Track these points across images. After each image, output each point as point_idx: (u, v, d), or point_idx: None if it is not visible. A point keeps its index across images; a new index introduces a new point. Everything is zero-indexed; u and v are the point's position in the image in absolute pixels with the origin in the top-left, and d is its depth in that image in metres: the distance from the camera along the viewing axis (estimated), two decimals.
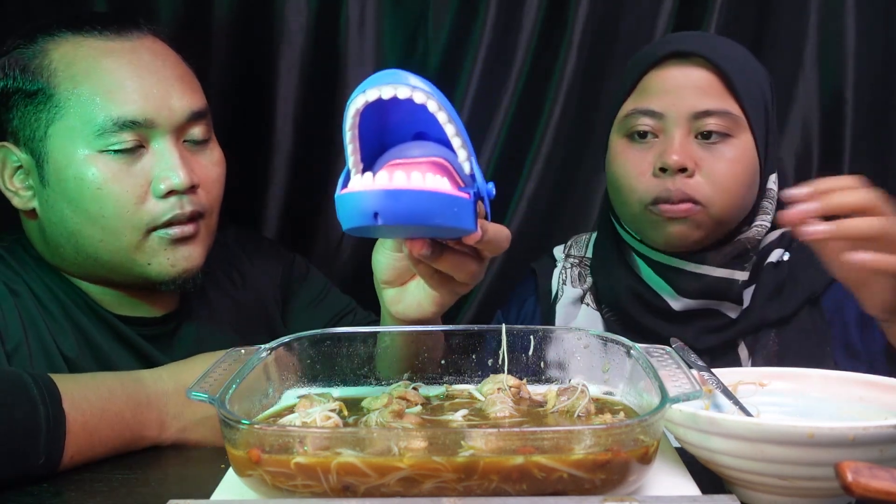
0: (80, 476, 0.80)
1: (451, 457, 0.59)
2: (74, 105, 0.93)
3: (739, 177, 1.05)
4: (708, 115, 1.03)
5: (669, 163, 1.02)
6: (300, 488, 0.61)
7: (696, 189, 1.03)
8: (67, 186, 0.94)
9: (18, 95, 0.95)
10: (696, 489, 0.66)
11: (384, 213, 0.63)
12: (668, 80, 1.06)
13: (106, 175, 0.93)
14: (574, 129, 1.51)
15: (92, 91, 0.93)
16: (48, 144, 0.94)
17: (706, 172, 1.04)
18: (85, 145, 0.93)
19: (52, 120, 0.93)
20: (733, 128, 1.04)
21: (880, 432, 0.61)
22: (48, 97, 0.93)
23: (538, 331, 0.84)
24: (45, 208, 0.97)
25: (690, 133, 1.04)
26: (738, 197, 1.05)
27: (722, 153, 1.04)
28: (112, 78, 0.94)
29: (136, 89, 0.94)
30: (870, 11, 1.46)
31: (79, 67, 0.94)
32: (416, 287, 0.85)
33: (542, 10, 1.48)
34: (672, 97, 1.04)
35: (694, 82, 1.04)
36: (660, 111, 1.05)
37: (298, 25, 1.48)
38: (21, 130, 0.95)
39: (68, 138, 0.93)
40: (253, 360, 0.76)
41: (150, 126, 0.94)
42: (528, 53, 1.49)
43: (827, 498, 0.66)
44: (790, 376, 0.81)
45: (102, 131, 0.92)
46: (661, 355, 0.73)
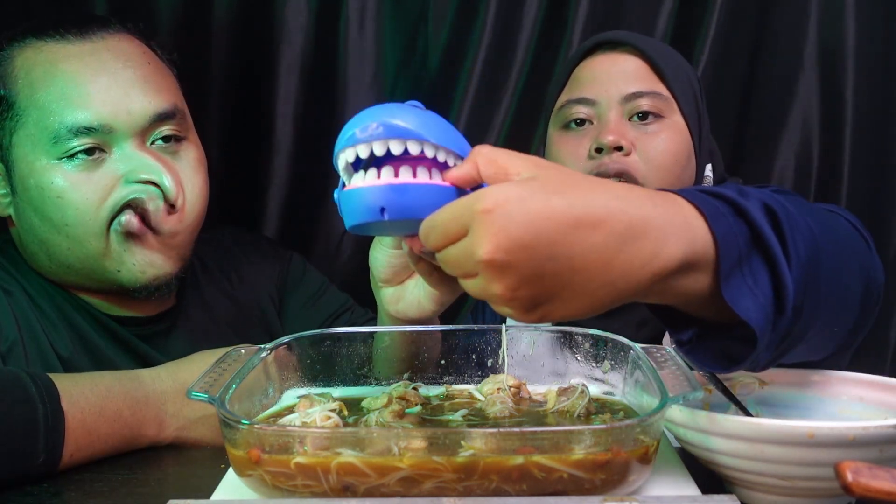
0: (80, 476, 0.80)
1: (451, 457, 0.60)
2: (32, 113, 0.91)
3: (673, 155, 1.07)
4: (639, 97, 1.06)
5: (605, 142, 1.05)
6: (300, 488, 0.61)
7: (632, 166, 1.05)
8: (31, 195, 0.93)
9: None
10: (696, 489, 0.66)
11: (391, 207, 0.64)
12: (598, 68, 1.09)
13: (65, 184, 0.91)
14: None
15: (48, 98, 0.91)
16: (13, 153, 0.93)
17: (641, 150, 1.06)
18: (44, 154, 0.91)
19: (15, 128, 0.92)
20: (664, 108, 1.07)
21: (880, 432, 0.61)
22: (10, 105, 0.92)
23: (538, 331, 0.84)
24: (17, 215, 0.97)
25: (624, 116, 1.07)
26: (673, 176, 1.07)
27: (655, 132, 1.07)
28: (68, 83, 0.91)
29: (91, 94, 0.91)
30: (870, 11, 1.46)
31: (37, 73, 0.92)
32: (415, 286, 0.85)
33: (542, 10, 1.48)
34: (603, 83, 1.08)
35: (622, 68, 1.08)
36: (592, 98, 1.08)
37: (298, 25, 1.48)
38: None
39: (29, 147, 0.92)
40: (253, 360, 0.76)
41: (107, 132, 0.92)
42: (528, 53, 1.49)
43: (827, 498, 0.66)
44: (790, 376, 0.82)
45: (58, 139, 0.90)
46: (661, 355, 0.74)
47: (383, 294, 0.87)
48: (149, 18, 1.45)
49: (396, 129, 0.64)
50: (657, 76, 1.08)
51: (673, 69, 1.09)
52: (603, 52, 1.10)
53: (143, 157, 0.94)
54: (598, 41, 1.11)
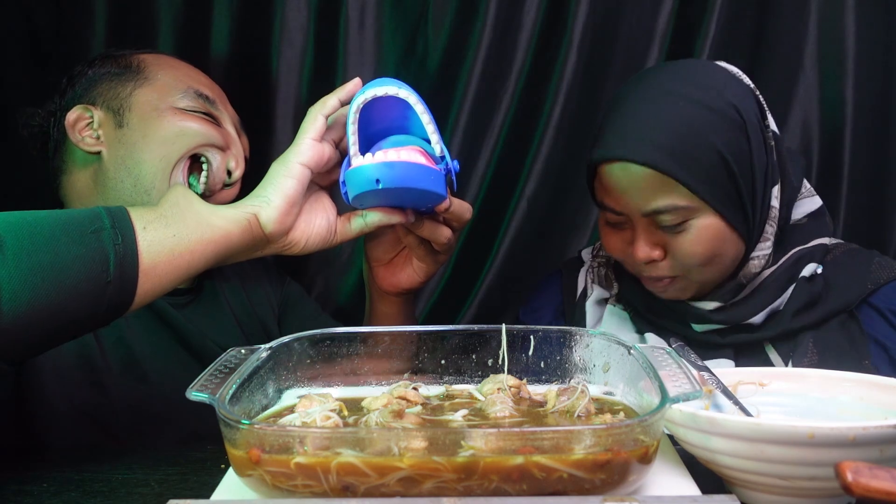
0: (79, 476, 0.80)
1: (451, 457, 0.59)
2: (162, 78, 1.17)
3: (705, 250, 1.04)
4: (658, 213, 1.02)
5: (637, 260, 1.06)
6: (300, 488, 0.61)
7: (668, 268, 1.06)
8: (147, 125, 1.13)
9: (108, 74, 1.18)
10: (696, 489, 0.66)
11: (384, 178, 0.88)
12: (614, 180, 1.03)
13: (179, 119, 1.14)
14: (574, 129, 1.51)
15: (176, 72, 1.18)
16: (132, 101, 1.15)
17: (674, 255, 1.05)
18: (170, 102, 1.15)
19: (140, 85, 1.16)
20: (687, 213, 1.02)
21: (880, 432, 0.61)
22: (137, 73, 1.17)
23: (538, 331, 0.84)
24: (116, 146, 1.14)
25: (651, 224, 1.05)
26: (713, 264, 1.06)
27: (682, 235, 1.04)
28: (189, 73, 1.20)
29: (207, 83, 1.20)
30: (870, 11, 1.46)
31: (163, 62, 1.20)
32: (404, 261, 1.08)
33: (542, 10, 1.49)
34: (623, 198, 1.04)
35: (636, 183, 1.01)
36: (618, 209, 1.06)
37: (298, 25, 1.49)
38: (102, 95, 1.17)
39: (155, 96, 1.15)
40: (253, 360, 0.76)
41: (218, 109, 1.18)
42: (528, 53, 1.49)
43: (827, 498, 0.66)
44: (790, 376, 0.82)
45: (185, 96, 1.16)
46: (661, 355, 0.73)
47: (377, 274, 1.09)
48: (149, 18, 1.45)
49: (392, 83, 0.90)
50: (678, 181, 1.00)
51: (693, 165, 1.00)
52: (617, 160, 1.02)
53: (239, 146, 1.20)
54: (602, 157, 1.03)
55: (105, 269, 0.76)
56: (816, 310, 1.10)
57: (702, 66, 1.09)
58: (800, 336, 1.09)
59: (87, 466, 0.82)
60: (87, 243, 0.76)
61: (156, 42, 1.45)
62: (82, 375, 1.06)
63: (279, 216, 0.90)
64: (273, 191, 0.90)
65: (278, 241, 0.93)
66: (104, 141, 1.15)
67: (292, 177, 0.91)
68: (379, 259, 1.09)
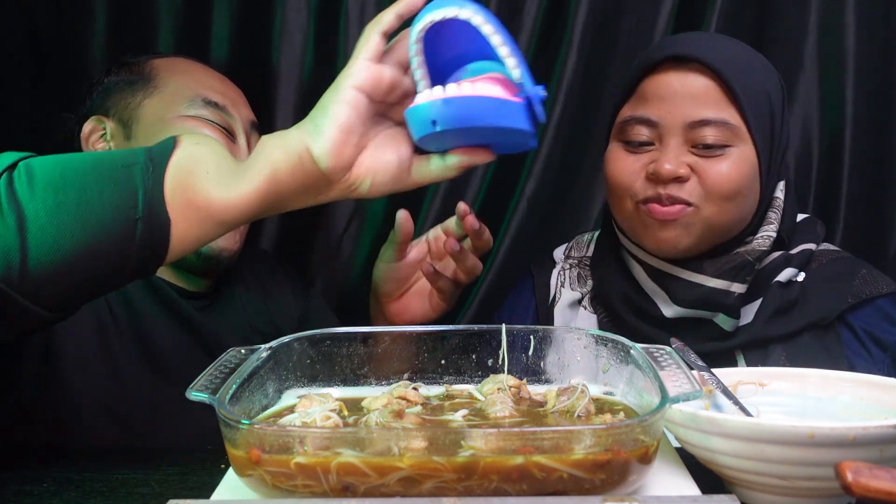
0: (80, 476, 0.80)
1: (451, 457, 0.59)
2: (171, 86, 1.14)
3: (735, 185, 1.01)
4: (705, 125, 1.00)
5: (662, 172, 1.01)
6: (300, 488, 0.61)
7: (689, 192, 1.02)
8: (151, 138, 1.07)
9: (121, 83, 1.16)
10: (696, 489, 0.66)
11: (440, 119, 0.75)
12: (665, 86, 1.03)
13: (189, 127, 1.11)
14: (574, 129, 1.51)
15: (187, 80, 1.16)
16: (140, 112, 1.13)
17: (700, 178, 1.01)
18: (177, 112, 1.12)
19: (149, 95, 1.14)
20: (732, 138, 1.01)
21: (880, 432, 0.61)
22: (147, 81, 1.15)
23: (538, 331, 0.84)
24: None
25: (686, 143, 1.02)
26: (732, 204, 1.03)
27: (718, 162, 1.01)
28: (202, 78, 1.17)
29: (218, 89, 1.17)
30: (870, 11, 1.46)
31: (177, 67, 1.18)
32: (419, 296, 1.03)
33: (542, 10, 1.49)
34: (668, 105, 1.02)
35: (690, 89, 1.01)
36: (655, 120, 1.03)
37: (298, 25, 1.48)
38: (114, 106, 1.15)
39: (162, 107, 1.13)
40: (253, 360, 0.76)
41: (227, 112, 1.15)
42: (528, 53, 1.49)
43: (827, 498, 0.66)
44: (790, 376, 0.82)
45: (192, 104, 1.12)
46: (662, 355, 0.73)
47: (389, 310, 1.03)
48: (149, 18, 1.45)
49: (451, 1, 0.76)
50: (729, 99, 1.01)
51: (747, 90, 1.02)
52: (672, 67, 1.03)
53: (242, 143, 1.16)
54: (667, 54, 1.03)
55: (133, 205, 0.70)
56: (789, 318, 1.06)
57: None
58: (770, 347, 1.06)
59: (87, 466, 0.82)
60: (117, 178, 0.71)
61: (156, 42, 1.45)
62: (103, 368, 1.06)
63: (333, 147, 0.75)
64: (323, 118, 0.76)
65: (339, 181, 0.78)
66: None
67: (344, 102, 0.76)
68: (391, 294, 1.05)
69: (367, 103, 0.78)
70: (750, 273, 1.06)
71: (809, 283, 1.09)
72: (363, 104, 0.77)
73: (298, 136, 0.76)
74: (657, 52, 1.06)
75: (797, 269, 1.08)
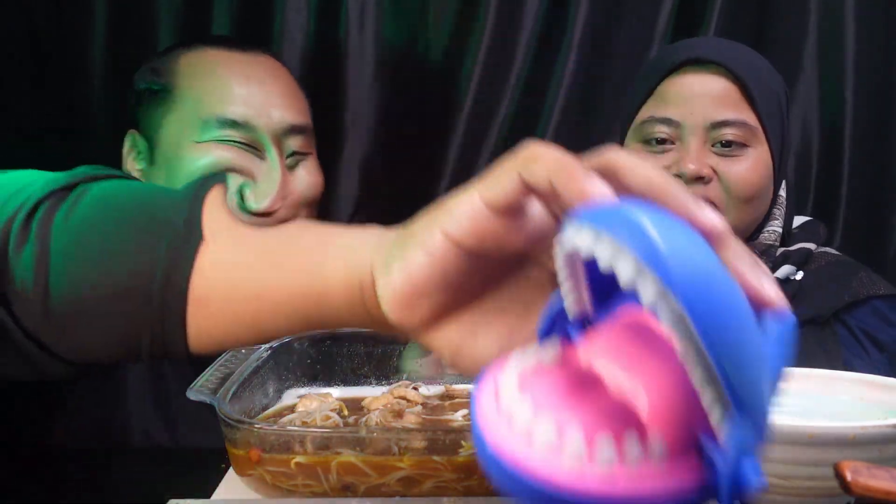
0: (80, 475, 0.80)
1: (451, 457, 0.60)
2: (188, 101, 1.05)
3: (755, 186, 1.04)
4: (725, 125, 1.03)
5: (686, 171, 1.02)
6: (300, 488, 0.61)
7: (712, 194, 1.03)
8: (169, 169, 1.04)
9: (148, 93, 1.08)
10: None
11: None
12: (685, 87, 1.05)
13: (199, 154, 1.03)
14: (574, 129, 1.51)
15: (204, 91, 1.05)
16: (161, 133, 1.06)
17: (722, 180, 1.03)
18: (189, 136, 1.04)
19: (168, 111, 1.06)
20: (749, 138, 1.04)
21: (880, 432, 0.61)
22: (169, 92, 1.06)
23: None
24: None
25: (707, 142, 1.04)
26: (752, 206, 1.05)
27: (738, 163, 1.03)
28: (223, 82, 1.06)
29: (240, 95, 1.05)
30: (870, 11, 1.46)
31: (199, 70, 1.07)
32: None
33: (542, 10, 1.48)
34: (689, 106, 1.04)
35: (711, 91, 1.04)
36: (677, 119, 1.04)
37: (298, 25, 1.48)
38: (144, 121, 1.09)
39: (179, 129, 1.05)
40: (253, 359, 0.76)
41: (249, 129, 1.04)
42: (528, 53, 1.49)
43: (827, 498, 0.66)
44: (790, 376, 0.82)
45: (206, 127, 1.03)
46: None
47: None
48: (149, 18, 1.45)
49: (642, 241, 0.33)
50: (746, 101, 1.04)
51: (762, 93, 1.05)
52: (692, 70, 1.06)
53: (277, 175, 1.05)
54: (687, 57, 1.06)
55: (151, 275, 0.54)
56: None
57: None
58: None
59: (87, 466, 0.82)
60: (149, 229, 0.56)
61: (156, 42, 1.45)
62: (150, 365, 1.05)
63: (398, 301, 0.47)
64: (400, 255, 0.48)
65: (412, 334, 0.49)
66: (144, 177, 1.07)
67: (425, 248, 0.47)
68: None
69: (460, 258, 0.47)
70: None
71: (807, 282, 1.10)
72: (453, 259, 0.47)
73: (369, 258, 0.50)
74: (676, 54, 1.08)
75: (794, 267, 1.09)
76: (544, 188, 0.45)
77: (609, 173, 0.45)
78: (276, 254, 0.54)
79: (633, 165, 0.44)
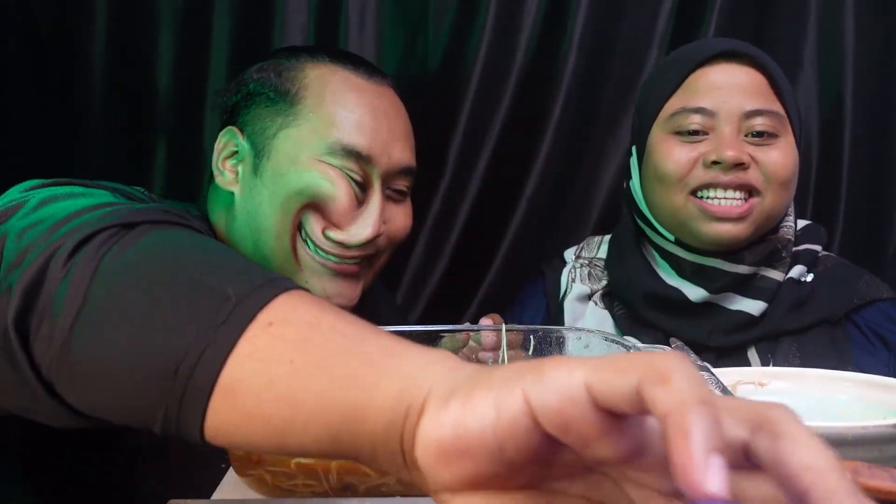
0: (80, 475, 0.80)
1: None
2: (313, 120, 1.00)
3: (790, 171, 1.07)
4: (758, 115, 1.05)
5: (725, 157, 1.03)
6: (300, 488, 0.61)
7: (753, 179, 1.05)
8: (278, 181, 0.99)
9: (263, 97, 1.02)
10: None
11: None
12: (718, 78, 1.07)
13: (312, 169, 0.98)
14: (574, 129, 1.51)
15: (333, 114, 1.00)
16: (274, 143, 1.00)
17: (761, 166, 1.05)
18: (309, 153, 0.99)
19: (287, 125, 1.00)
20: (779, 128, 1.06)
21: (880, 432, 0.61)
22: (290, 105, 1.01)
23: (538, 331, 0.84)
24: (247, 196, 1.01)
25: (740, 132, 1.06)
26: (787, 192, 1.08)
27: (772, 150, 1.06)
28: (353, 111, 1.01)
29: (369, 128, 1.01)
30: (869, 11, 1.46)
31: (328, 90, 1.02)
32: None
33: (542, 10, 1.48)
34: (723, 95, 1.06)
35: (743, 81, 1.07)
36: (711, 108, 1.06)
37: (298, 25, 1.48)
38: (251, 124, 1.02)
39: (297, 143, 0.99)
40: None
41: (368, 162, 1.00)
42: (528, 53, 1.49)
43: None
44: (790, 376, 0.82)
45: (331, 151, 0.99)
46: None
47: None
48: (149, 18, 1.45)
49: None
50: (774, 93, 1.07)
51: (786, 84, 1.09)
52: (723, 62, 1.08)
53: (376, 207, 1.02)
54: (718, 51, 1.08)
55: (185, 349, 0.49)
56: (802, 313, 1.10)
57: None
58: (781, 340, 1.09)
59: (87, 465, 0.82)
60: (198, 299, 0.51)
61: (156, 42, 1.45)
62: None
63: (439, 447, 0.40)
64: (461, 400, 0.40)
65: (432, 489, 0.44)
66: (240, 182, 1.02)
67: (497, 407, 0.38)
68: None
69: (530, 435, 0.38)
70: (778, 259, 1.10)
71: (817, 284, 1.13)
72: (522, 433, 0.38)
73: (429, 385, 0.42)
74: (706, 48, 1.10)
75: (805, 268, 1.12)
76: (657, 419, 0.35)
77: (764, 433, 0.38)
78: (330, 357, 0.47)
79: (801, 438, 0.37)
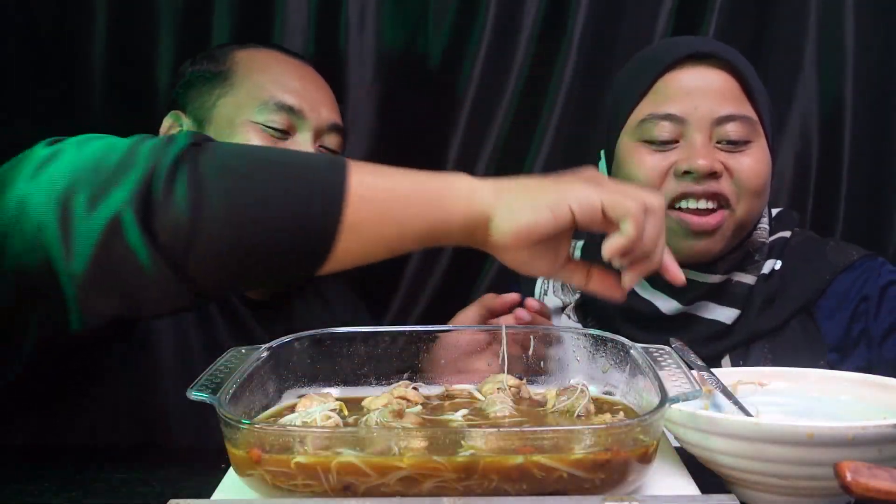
0: (80, 476, 0.80)
1: (451, 457, 0.60)
2: (246, 86, 1.12)
3: (763, 179, 1.03)
4: (730, 120, 1.01)
5: (697, 167, 0.99)
6: (300, 488, 0.61)
7: (725, 189, 1.01)
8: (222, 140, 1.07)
9: (200, 78, 1.14)
10: (696, 489, 0.66)
11: None
12: (687, 82, 1.03)
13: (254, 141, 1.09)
14: (574, 129, 1.51)
15: (264, 78, 1.13)
16: (214, 112, 1.11)
17: (734, 175, 1.02)
18: (246, 116, 1.10)
19: (224, 94, 1.12)
20: (752, 133, 1.02)
21: (880, 432, 0.61)
22: (224, 78, 1.13)
23: (538, 331, 0.84)
24: None
25: (712, 139, 1.02)
26: (760, 201, 1.04)
27: (745, 157, 1.02)
28: (281, 76, 1.14)
29: (298, 87, 1.13)
30: (869, 12, 1.46)
31: (256, 63, 1.15)
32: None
33: (542, 10, 1.48)
34: (693, 101, 1.02)
35: (713, 85, 1.02)
36: (681, 115, 1.02)
37: (298, 25, 1.48)
38: (192, 102, 1.13)
39: (234, 108, 1.11)
40: (253, 359, 0.76)
41: (300, 116, 1.11)
42: (528, 53, 1.49)
43: (827, 498, 0.66)
44: (790, 376, 0.82)
45: (264, 108, 1.09)
46: (661, 355, 0.74)
47: None
48: (149, 18, 1.45)
49: None
50: (746, 96, 1.03)
51: (758, 86, 1.05)
52: (692, 64, 1.03)
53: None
54: (686, 52, 1.04)
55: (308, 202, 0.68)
56: (776, 309, 1.06)
57: None
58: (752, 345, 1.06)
59: (87, 466, 0.82)
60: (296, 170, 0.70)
61: (156, 42, 1.45)
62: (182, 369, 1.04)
63: (514, 237, 0.72)
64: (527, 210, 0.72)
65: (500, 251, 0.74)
66: None
67: (554, 214, 0.72)
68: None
69: (568, 228, 0.73)
70: (751, 263, 1.07)
71: (786, 270, 1.10)
72: (565, 227, 0.73)
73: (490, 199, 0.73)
74: (674, 50, 1.05)
75: (775, 259, 1.10)
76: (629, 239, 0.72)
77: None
78: (413, 188, 0.72)
79: None
